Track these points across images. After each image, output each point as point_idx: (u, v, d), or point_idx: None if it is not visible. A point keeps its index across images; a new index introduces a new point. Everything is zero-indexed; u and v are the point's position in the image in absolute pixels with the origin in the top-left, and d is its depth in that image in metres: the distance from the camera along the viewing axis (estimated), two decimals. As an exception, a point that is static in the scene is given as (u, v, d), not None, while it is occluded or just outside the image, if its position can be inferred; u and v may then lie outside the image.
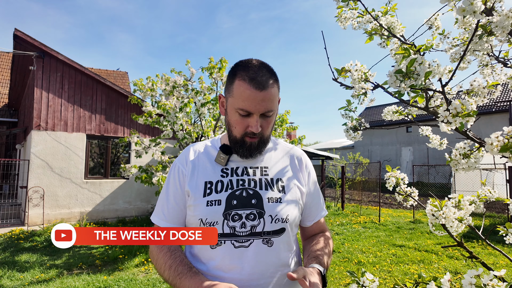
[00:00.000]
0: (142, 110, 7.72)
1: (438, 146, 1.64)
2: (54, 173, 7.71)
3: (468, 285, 0.79)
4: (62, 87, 8.00)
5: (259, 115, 0.91)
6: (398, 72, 1.06)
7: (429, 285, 0.87)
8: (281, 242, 0.94)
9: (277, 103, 0.96)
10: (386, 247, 5.51)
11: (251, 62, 0.93)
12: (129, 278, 3.94)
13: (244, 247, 0.89)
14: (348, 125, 1.53)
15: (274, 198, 0.95)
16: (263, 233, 0.91)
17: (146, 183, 5.55)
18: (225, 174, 0.98)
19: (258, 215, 0.92)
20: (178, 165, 1.02)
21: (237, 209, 0.91)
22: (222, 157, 0.99)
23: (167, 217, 0.98)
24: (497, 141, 1.03)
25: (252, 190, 0.95)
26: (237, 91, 0.90)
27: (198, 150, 1.04)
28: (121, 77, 20.39)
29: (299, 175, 1.05)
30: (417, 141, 20.71)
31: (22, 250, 5.33)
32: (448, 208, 1.19)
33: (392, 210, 10.38)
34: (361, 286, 1.21)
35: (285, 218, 0.94)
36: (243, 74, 0.90)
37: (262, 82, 0.89)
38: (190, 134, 6.29)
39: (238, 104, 0.90)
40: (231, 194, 0.93)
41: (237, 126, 0.93)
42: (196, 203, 0.94)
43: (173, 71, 6.63)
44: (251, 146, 0.95)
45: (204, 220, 0.91)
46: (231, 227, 0.90)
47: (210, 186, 0.95)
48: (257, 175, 0.98)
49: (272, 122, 0.96)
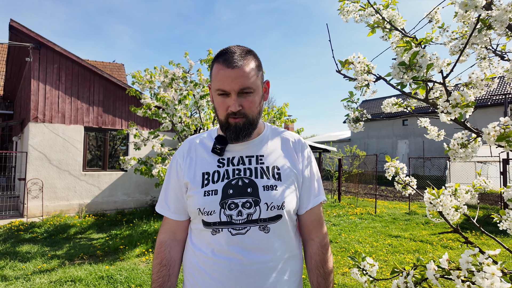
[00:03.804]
0: (140, 103, 7.71)
1: (436, 138, 1.69)
2: (52, 165, 7.71)
3: (465, 263, 0.85)
4: (59, 78, 7.95)
5: (237, 94, 0.92)
6: (401, 64, 1.10)
7: (428, 264, 0.92)
8: (278, 229, 0.96)
9: (258, 82, 0.96)
10: (382, 238, 5.62)
11: (228, 47, 0.95)
12: (130, 268, 4.00)
13: (241, 234, 0.92)
14: (350, 116, 1.58)
15: (269, 186, 0.96)
16: (259, 220, 0.93)
17: (146, 175, 5.59)
18: (221, 164, 1.00)
19: (254, 203, 0.94)
20: (177, 158, 1.06)
21: (233, 198, 0.94)
22: (218, 148, 1.01)
23: (170, 207, 1.04)
24: (494, 131, 1.09)
25: (248, 179, 0.97)
26: (214, 74, 0.94)
27: (195, 143, 1.07)
28: (117, 69, 20.22)
29: (295, 160, 1.04)
30: (413, 134, 20.86)
31: (23, 241, 5.37)
32: (445, 196, 1.25)
33: (388, 202, 10.53)
34: (361, 270, 1.27)
35: (281, 205, 0.95)
36: (219, 58, 0.94)
37: (235, 60, 0.91)
38: (188, 127, 6.31)
39: (215, 85, 0.93)
40: (227, 184, 0.96)
41: (219, 109, 0.96)
42: (194, 193, 0.97)
43: (172, 63, 6.61)
44: (236, 127, 0.95)
45: (202, 209, 0.95)
46: (228, 215, 0.93)
47: (208, 176, 0.98)
48: (253, 164, 1.00)
49: (254, 101, 0.96)
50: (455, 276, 0.88)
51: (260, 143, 1.05)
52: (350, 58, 1.40)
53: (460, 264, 0.87)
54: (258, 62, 0.98)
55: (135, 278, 3.63)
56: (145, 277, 3.68)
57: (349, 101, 1.59)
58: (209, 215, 0.94)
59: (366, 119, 1.59)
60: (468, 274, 0.88)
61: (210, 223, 0.94)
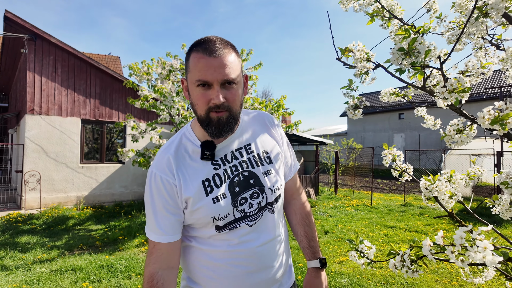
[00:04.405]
0: (137, 95, 7.68)
1: (432, 126, 1.73)
2: (50, 158, 7.69)
3: (459, 239, 0.89)
4: (55, 70, 7.89)
5: (220, 85, 0.85)
6: (400, 50, 1.13)
7: (424, 241, 0.96)
8: (279, 206, 1.06)
9: (240, 74, 0.91)
10: (378, 228, 5.71)
11: (206, 37, 0.90)
12: (130, 257, 4.04)
13: (256, 223, 0.98)
14: (350, 103, 1.62)
15: (267, 171, 1.01)
16: (267, 204, 1.00)
17: (144, 167, 5.61)
18: (217, 165, 0.96)
19: (260, 192, 0.98)
20: (160, 175, 0.91)
21: (241, 193, 0.96)
22: (207, 154, 0.94)
23: (166, 231, 0.91)
24: (488, 115, 1.13)
25: (247, 172, 0.98)
26: (192, 63, 0.86)
27: (176, 153, 0.95)
28: (113, 61, 20.04)
29: (276, 138, 1.09)
30: (409, 127, 20.99)
31: (22, 233, 5.39)
32: (441, 182, 1.29)
33: (384, 194, 10.65)
34: (359, 253, 1.32)
35: (279, 185, 1.04)
36: (197, 47, 0.87)
37: (216, 48, 0.85)
38: (186, 119, 6.31)
39: (194, 76, 0.85)
40: (230, 183, 0.95)
41: (199, 102, 0.87)
42: (201, 205, 0.91)
43: (169, 55, 6.59)
44: (219, 122, 0.88)
45: (217, 216, 0.91)
46: (241, 210, 0.95)
47: (209, 183, 0.93)
48: (244, 155, 1.00)
49: (237, 94, 0.89)
50: (449, 252, 0.93)
51: (242, 132, 1.03)
52: (350, 46, 1.43)
53: (454, 240, 0.92)
54: (237, 51, 0.92)
55: (135, 267, 3.67)
56: (145, 266, 3.73)
57: (349, 88, 1.62)
58: (224, 219, 0.93)
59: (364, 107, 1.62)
60: (462, 250, 0.93)
61: (226, 224, 0.93)
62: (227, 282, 0.95)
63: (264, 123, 1.10)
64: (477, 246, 0.85)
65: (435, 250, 1.00)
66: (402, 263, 1.18)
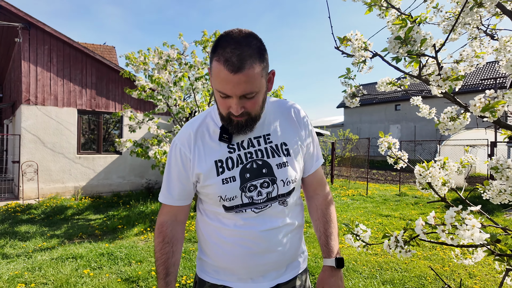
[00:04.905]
0: (134, 85, 7.65)
1: (427, 115, 1.78)
2: (47, 148, 7.68)
3: (450, 218, 0.95)
4: (50, 60, 7.81)
5: (239, 97, 0.86)
6: (397, 39, 1.17)
7: (417, 220, 1.01)
8: (293, 199, 1.06)
9: (263, 81, 0.89)
10: (373, 217, 5.82)
11: (232, 36, 0.84)
12: (130, 245, 4.10)
13: (263, 211, 1.00)
14: (348, 91, 1.66)
15: (282, 163, 1.00)
16: (278, 196, 1.01)
17: (142, 157, 5.63)
18: (232, 149, 0.99)
19: (271, 182, 0.99)
20: (180, 147, 1.01)
21: (251, 180, 0.98)
22: (225, 137, 0.98)
23: (173, 196, 1.03)
24: (480, 102, 1.17)
25: (261, 160, 0.99)
26: (214, 71, 0.85)
27: (198, 131, 1.02)
28: (108, 51, 19.81)
29: (298, 131, 1.07)
30: (405, 119, 21.11)
31: (21, 222, 5.42)
32: (435, 168, 1.34)
33: (379, 184, 10.78)
34: (355, 236, 1.38)
35: (294, 179, 1.03)
36: (220, 53, 0.83)
37: (237, 63, 0.81)
38: (184, 109, 6.32)
39: (216, 85, 0.87)
40: (242, 169, 0.98)
41: (220, 105, 0.92)
42: (211, 183, 0.97)
43: (166, 45, 6.55)
44: (238, 125, 0.93)
45: (223, 196, 0.97)
46: (249, 197, 0.98)
47: (221, 164, 0.98)
48: (262, 144, 1.01)
49: (258, 101, 0.91)
50: (440, 230, 0.98)
51: (264, 121, 1.04)
52: (348, 35, 1.47)
53: (445, 220, 0.97)
54: (264, 56, 0.87)
55: (135, 254, 3.74)
56: (144, 254, 3.79)
57: (346, 77, 1.66)
58: (231, 200, 0.97)
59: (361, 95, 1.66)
60: (452, 229, 0.98)
61: (233, 206, 0.98)
62: (232, 260, 1.00)
63: (290, 114, 1.08)
64: (466, 225, 0.91)
65: (427, 229, 1.06)
66: (396, 243, 1.24)
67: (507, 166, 1.24)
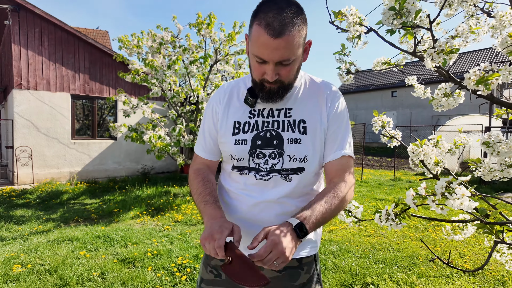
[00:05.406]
0: (127, 69, 7.54)
1: (422, 95, 1.77)
2: (40, 133, 7.60)
3: (440, 188, 0.95)
4: (42, 43, 7.64)
5: (275, 63, 0.87)
6: (391, 9, 1.15)
7: (408, 191, 1.02)
8: (300, 180, 1.01)
9: (300, 49, 0.89)
10: (368, 200, 5.89)
11: (275, 2, 0.85)
12: (126, 228, 4.13)
13: (264, 180, 1.01)
14: (342, 68, 1.64)
15: (294, 139, 0.99)
16: (281, 170, 1.00)
17: (137, 141, 5.60)
18: (252, 115, 1.03)
19: (278, 155, 0.99)
20: (213, 104, 1.09)
21: (261, 148, 1.00)
22: (249, 100, 1.01)
23: (205, 149, 1.12)
24: (474, 75, 1.17)
25: (275, 132, 1.00)
26: (254, 36, 0.87)
27: (231, 90, 1.09)
28: (101, 36, 19.42)
29: (324, 114, 1.03)
30: (401, 105, 21.14)
31: (16, 206, 5.42)
32: (428, 146, 1.35)
33: (374, 170, 10.88)
34: (347, 212, 1.39)
35: (303, 158, 0.99)
36: (261, 17, 0.84)
37: (278, 28, 0.82)
38: (178, 94, 6.26)
39: (253, 50, 0.88)
40: (256, 135, 1.01)
41: (255, 71, 0.94)
42: (225, 141, 1.04)
43: (159, 27, 6.42)
44: (270, 91, 0.95)
45: (233, 155, 1.03)
46: (256, 163, 1.00)
47: (239, 126, 1.03)
48: (281, 116, 1.02)
49: (293, 69, 0.92)
50: (430, 201, 0.99)
51: (292, 95, 1.03)
52: (343, 10, 1.44)
53: (435, 190, 0.98)
54: (304, 24, 0.88)
55: (131, 237, 3.76)
56: (141, 236, 3.82)
57: (341, 54, 1.64)
58: (239, 161, 1.02)
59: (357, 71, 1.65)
60: (442, 199, 0.99)
61: (240, 167, 1.03)
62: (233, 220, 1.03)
63: (322, 95, 1.04)
64: (455, 194, 0.91)
65: (418, 201, 1.07)
66: (387, 216, 1.25)
67: (498, 140, 1.24)
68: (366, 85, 24.51)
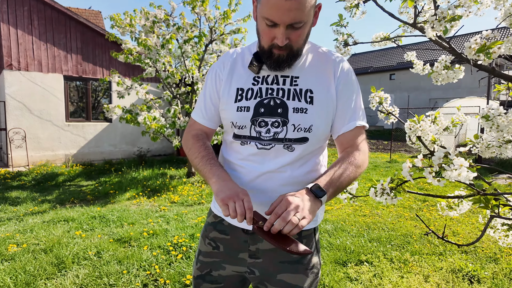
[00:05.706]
0: (121, 49, 7.36)
1: (420, 71, 1.72)
2: (34, 115, 7.49)
3: (437, 159, 0.92)
4: (31, 23, 7.40)
5: (286, 26, 0.85)
6: (392, -28, 1.08)
7: (404, 163, 0.99)
8: (303, 150, 0.98)
9: (311, 12, 0.87)
10: (363, 182, 5.92)
11: None
12: (122, 209, 4.13)
13: (265, 149, 0.97)
14: (339, 40, 1.58)
15: (300, 109, 0.96)
16: (284, 139, 0.96)
17: (131, 123, 5.53)
18: (256, 82, 1.00)
19: (282, 123, 0.96)
20: (216, 69, 1.06)
21: (264, 116, 0.96)
22: (254, 65, 0.98)
23: (205, 115, 1.08)
24: (475, 44, 1.12)
25: (279, 100, 0.96)
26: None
27: (234, 57, 1.06)
28: (94, 16, 18.89)
29: (333, 84, 0.99)
30: (399, 88, 21.01)
31: (11, 188, 5.39)
32: (425, 122, 1.31)
33: (371, 153, 10.91)
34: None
35: (308, 128, 0.96)
36: None
37: None
38: (173, 75, 6.14)
39: (264, 12, 0.85)
40: (259, 102, 0.97)
41: (264, 36, 0.90)
42: (227, 108, 1.01)
43: (152, 5, 6.22)
44: (279, 59, 0.92)
45: (234, 123, 0.99)
46: (257, 131, 0.97)
47: (241, 93, 0.99)
48: (287, 84, 0.98)
49: (303, 34, 0.90)
50: (427, 173, 0.96)
51: (298, 63, 1.00)
52: (341, -23, 1.37)
53: (432, 161, 0.95)
54: None
55: (127, 217, 3.76)
56: (137, 216, 3.83)
57: (338, 25, 1.58)
58: (240, 129, 0.99)
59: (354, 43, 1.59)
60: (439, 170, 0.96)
61: (241, 136, 0.99)
62: None
63: (330, 65, 1.00)
64: (453, 165, 0.88)
65: (415, 173, 1.04)
66: (382, 191, 1.23)
67: (498, 113, 1.20)
68: (365, 67, 24.26)
